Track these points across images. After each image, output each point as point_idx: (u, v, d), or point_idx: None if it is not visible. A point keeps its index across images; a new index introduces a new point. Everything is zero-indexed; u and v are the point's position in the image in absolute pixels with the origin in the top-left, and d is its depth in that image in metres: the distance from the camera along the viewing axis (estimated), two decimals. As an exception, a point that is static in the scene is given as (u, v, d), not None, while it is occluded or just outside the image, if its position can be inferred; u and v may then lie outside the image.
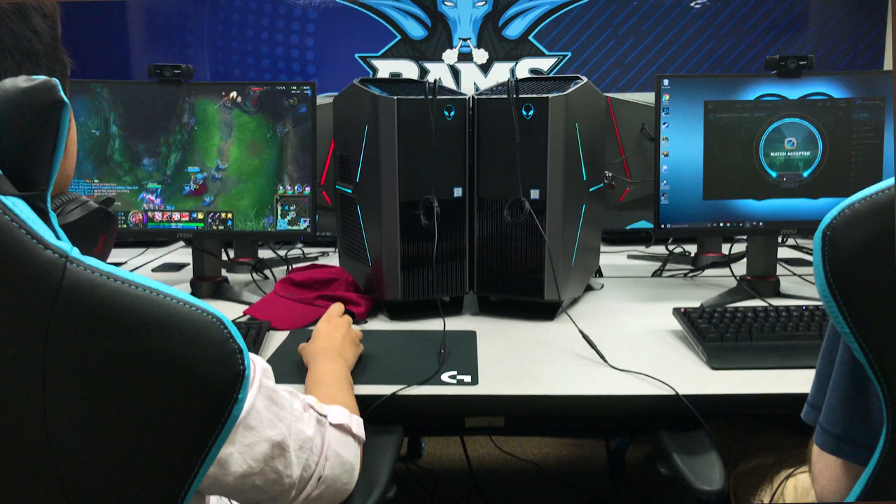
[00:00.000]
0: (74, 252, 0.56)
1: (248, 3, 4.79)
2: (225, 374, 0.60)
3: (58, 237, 0.58)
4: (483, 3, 4.83)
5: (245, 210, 1.62)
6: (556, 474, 2.37)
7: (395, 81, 1.67)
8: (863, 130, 1.57)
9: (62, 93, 0.60)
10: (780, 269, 1.76)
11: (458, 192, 1.51)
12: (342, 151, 1.68)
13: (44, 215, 0.59)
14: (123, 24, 4.82)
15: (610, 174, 2.14)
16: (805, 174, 1.59)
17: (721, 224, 1.61)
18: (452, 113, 1.49)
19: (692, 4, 4.76)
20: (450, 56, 4.93)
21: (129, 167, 1.61)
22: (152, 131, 1.60)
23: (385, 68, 4.85)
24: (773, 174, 1.59)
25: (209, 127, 1.61)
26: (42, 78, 0.59)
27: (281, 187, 1.62)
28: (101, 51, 4.78)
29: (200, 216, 1.63)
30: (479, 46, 4.88)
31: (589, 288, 1.77)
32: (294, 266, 1.71)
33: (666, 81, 1.58)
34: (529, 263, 1.48)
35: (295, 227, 1.63)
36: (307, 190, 1.62)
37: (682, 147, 1.59)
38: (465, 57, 4.88)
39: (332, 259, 2.14)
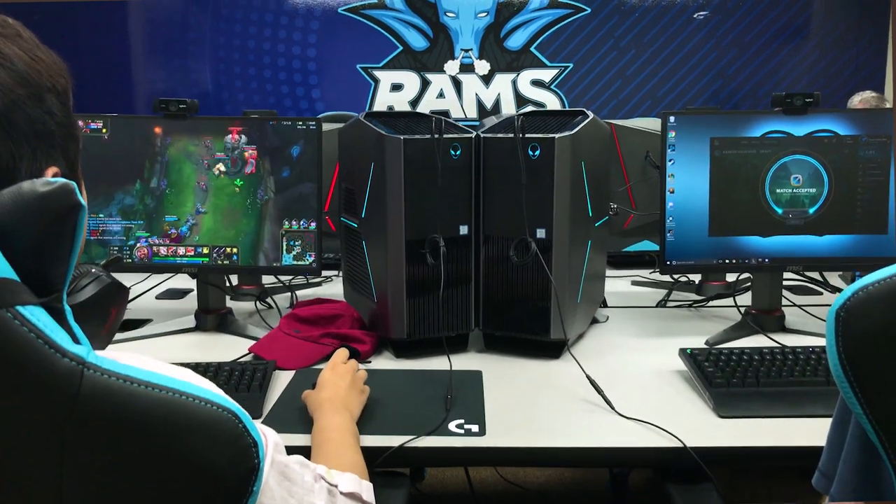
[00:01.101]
0: (91, 357, 0.56)
1: (250, 14, 4.79)
2: (241, 469, 0.60)
3: (74, 337, 0.58)
4: (485, 14, 4.82)
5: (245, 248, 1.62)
6: (559, 497, 2.37)
7: (401, 115, 1.66)
8: (869, 168, 1.57)
9: (79, 195, 0.59)
10: (784, 300, 1.76)
11: (463, 229, 1.51)
12: (347, 184, 1.68)
13: (60, 314, 0.59)
14: (125, 31, 4.81)
15: (615, 205, 2.14)
16: (811, 211, 1.59)
17: (726, 261, 1.61)
18: (459, 152, 1.49)
19: (695, 16, 4.76)
20: (451, 67, 4.93)
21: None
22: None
23: (386, 79, 4.85)
24: (779, 211, 1.59)
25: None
26: (59, 182, 0.59)
27: (287, 222, 1.62)
28: (101, 58, 4.78)
29: (206, 251, 1.63)
30: (480, 57, 4.88)
31: (594, 320, 1.77)
32: (298, 300, 1.71)
33: (672, 118, 1.58)
34: (535, 301, 1.48)
35: (300, 262, 1.62)
36: (312, 225, 1.62)
37: (688, 183, 1.59)
38: (467, 68, 4.88)
39: (337, 285, 2.14)
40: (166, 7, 4.79)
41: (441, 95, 4.88)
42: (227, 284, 1.78)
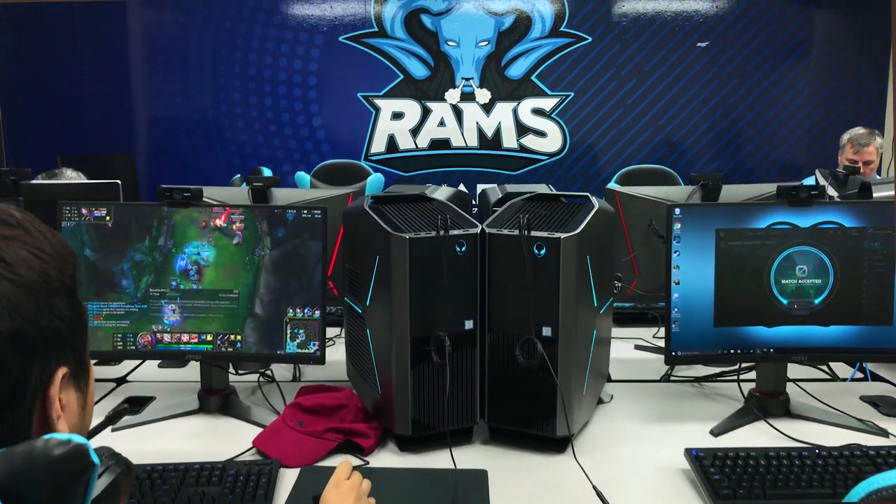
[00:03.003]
0: None
1: (251, 42, 4.78)
2: None
3: None
4: (486, 43, 4.82)
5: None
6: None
7: (406, 201, 1.66)
8: (874, 260, 1.56)
9: (92, 454, 0.59)
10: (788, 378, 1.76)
11: (468, 324, 1.50)
12: (352, 266, 1.68)
13: None
14: (125, 59, 4.80)
15: (619, 276, 2.14)
16: (816, 301, 1.59)
17: (731, 351, 1.61)
18: (464, 248, 1.49)
19: (698, 45, 4.76)
20: (452, 96, 4.93)
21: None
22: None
23: (387, 107, 4.85)
24: (784, 301, 1.59)
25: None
26: (73, 443, 0.59)
27: (290, 310, 1.62)
28: (101, 70, 4.76)
29: (209, 338, 1.63)
30: (481, 86, 4.88)
31: (599, 400, 1.77)
32: (302, 385, 1.70)
33: (677, 210, 1.57)
34: (541, 397, 1.48)
35: (304, 351, 1.62)
36: (317, 313, 1.62)
37: (693, 275, 1.58)
38: (468, 96, 4.88)
39: (339, 349, 2.12)
40: (168, 33, 4.78)
41: (442, 124, 4.89)
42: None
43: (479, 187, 2.09)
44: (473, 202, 3.40)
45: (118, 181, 2.08)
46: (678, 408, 1.75)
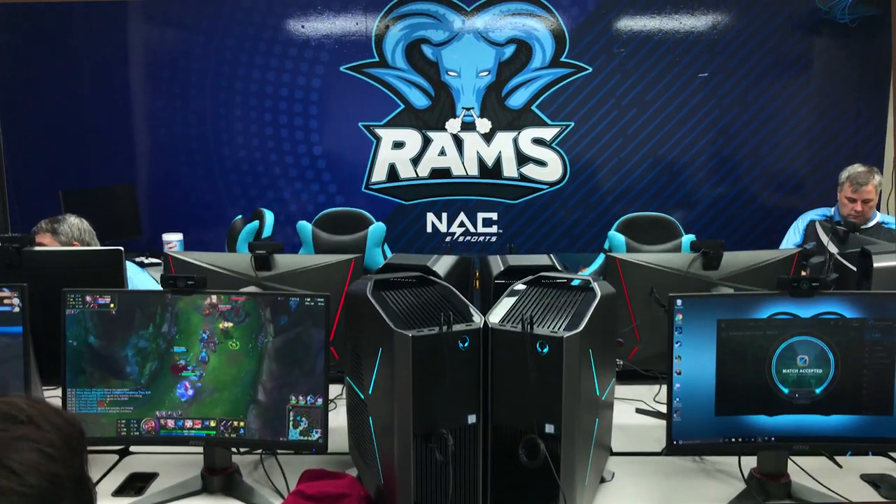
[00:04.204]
0: None
1: (252, 71, 4.78)
2: None
3: None
4: (486, 73, 4.82)
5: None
6: None
7: (408, 285, 1.66)
8: (875, 350, 1.57)
9: None
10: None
11: (471, 419, 1.51)
12: (354, 346, 1.69)
13: None
14: (127, 89, 4.80)
15: (621, 341, 2.14)
16: (817, 391, 1.59)
17: (733, 439, 1.61)
18: (467, 343, 1.49)
19: (699, 75, 4.77)
20: (453, 125, 4.93)
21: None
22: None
23: (388, 137, 4.86)
24: (786, 391, 1.59)
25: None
26: None
27: (293, 397, 1.62)
28: (102, 99, 4.76)
29: (213, 423, 1.64)
30: (482, 116, 4.88)
31: (601, 478, 1.78)
32: (305, 469, 1.71)
33: (679, 302, 1.58)
34: (543, 493, 1.48)
35: (307, 438, 1.63)
36: (319, 401, 1.62)
37: (695, 364, 1.59)
38: (468, 126, 4.89)
39: (341, 411, 2.12)
40: (169, 63, 4.79)
41: (442, 153, 4.90)
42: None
43: (483, 252, 2.09)
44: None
45: (121, 248, 2.09)
46: (680, 488, 1.75)
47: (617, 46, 4.71)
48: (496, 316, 1.56)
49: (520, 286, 1.70)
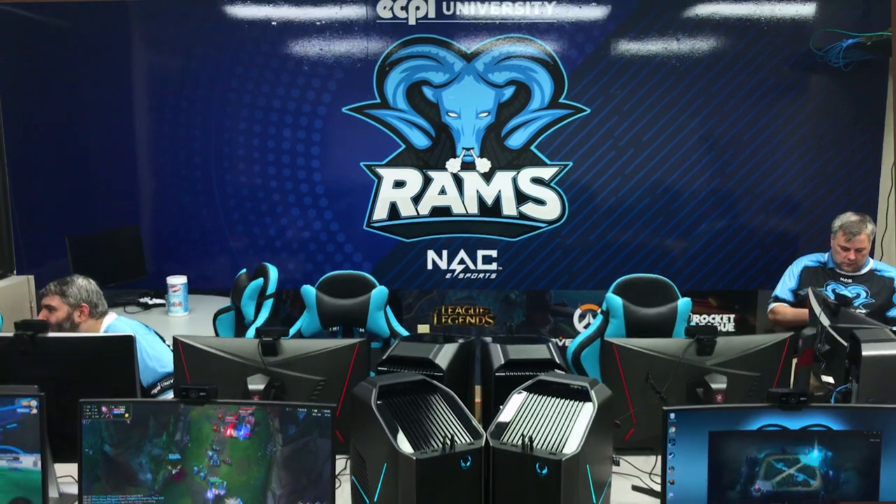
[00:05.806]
0: None
1: (254, 112, 4.85)
2: None
3: None
4: (486, 114, 4.89)
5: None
6: None
7: (411, 391, 1.73)
8: (861, 462, 1.63)
9: None
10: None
11: (473, 533, 1.57)
12: (359, 449, 1.75)
13: None
14: (130, 117, 4.86)
15: (618, 423, 2.21)
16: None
17: (724, 546, 1.68)
18: (469, 462, 1.56)
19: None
20: (453, 165, 5.00)
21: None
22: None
23: (389, 176, 4.92)
24: (776, 501, 1.66)
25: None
26: None
27: (301, 504, 1.69)
28: (105, 142, 4.82)
29: (224, 528, 1.70)
30: (481, 156, 4.94)
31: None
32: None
33: (672, 415, 1.65)
34: None
35: (315, 544, 1.69)
36: (326, 508, 1.69)
37: (687, 474, 1.66)
38: (468, 166, 4.95)
39: (346, 488, 2.19)
40: (172, 104, 4.85)
41: (443, 192, 4.96)
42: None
43: (484, 340, 2.17)
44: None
45: (132, 335, 2.15)
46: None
47: (614, 88, 4.78)
48: (497, 430, 1.62)
49: (519, 395, 1.76)
